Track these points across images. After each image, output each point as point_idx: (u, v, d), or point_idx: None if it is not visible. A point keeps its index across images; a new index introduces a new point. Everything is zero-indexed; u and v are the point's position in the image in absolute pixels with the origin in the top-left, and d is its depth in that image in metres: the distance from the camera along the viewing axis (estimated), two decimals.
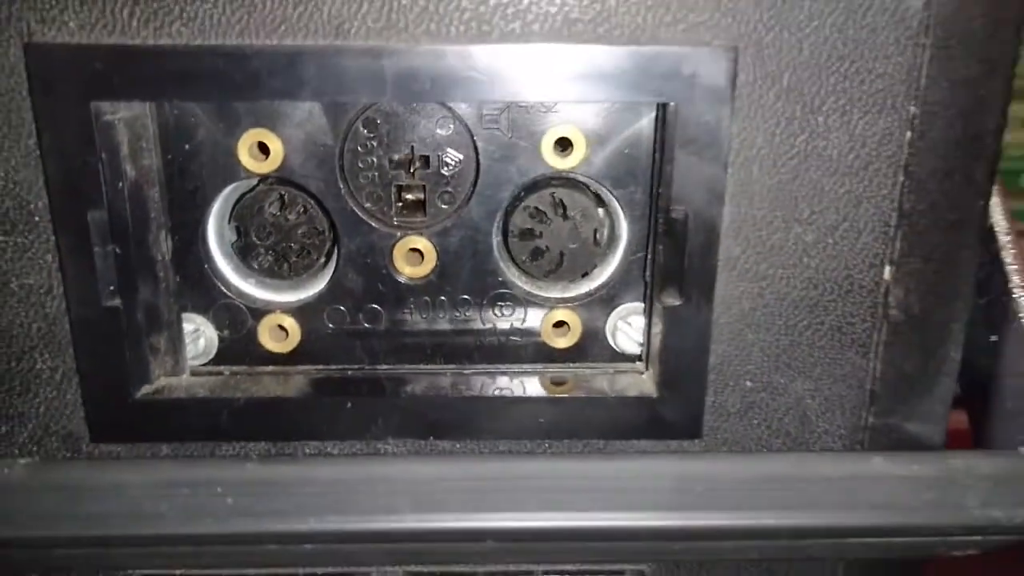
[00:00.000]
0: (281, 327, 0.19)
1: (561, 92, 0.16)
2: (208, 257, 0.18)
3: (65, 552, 0.15)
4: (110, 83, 0.15)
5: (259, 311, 0.19)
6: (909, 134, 0.16)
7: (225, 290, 0.18)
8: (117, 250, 0.16)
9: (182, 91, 0.15)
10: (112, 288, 0.16)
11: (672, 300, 0.16)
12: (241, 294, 0.18)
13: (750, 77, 0.15)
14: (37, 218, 0.16)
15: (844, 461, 0.16)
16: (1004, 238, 0.17)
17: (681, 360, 0.17)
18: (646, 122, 0.17)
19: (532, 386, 0.18)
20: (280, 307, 0.19)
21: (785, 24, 0.15)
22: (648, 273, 0.17)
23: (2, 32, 0.15)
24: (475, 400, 0.18)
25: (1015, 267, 0.17)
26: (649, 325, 0.17)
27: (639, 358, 0.18)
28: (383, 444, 0.17)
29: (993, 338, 0.17)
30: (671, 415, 0.17)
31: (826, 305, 0.17)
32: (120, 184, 0.16)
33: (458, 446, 0.17)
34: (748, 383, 0.17)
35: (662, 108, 0.16)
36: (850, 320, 0.17)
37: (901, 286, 0.17)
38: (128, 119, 0.15)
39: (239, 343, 0.19)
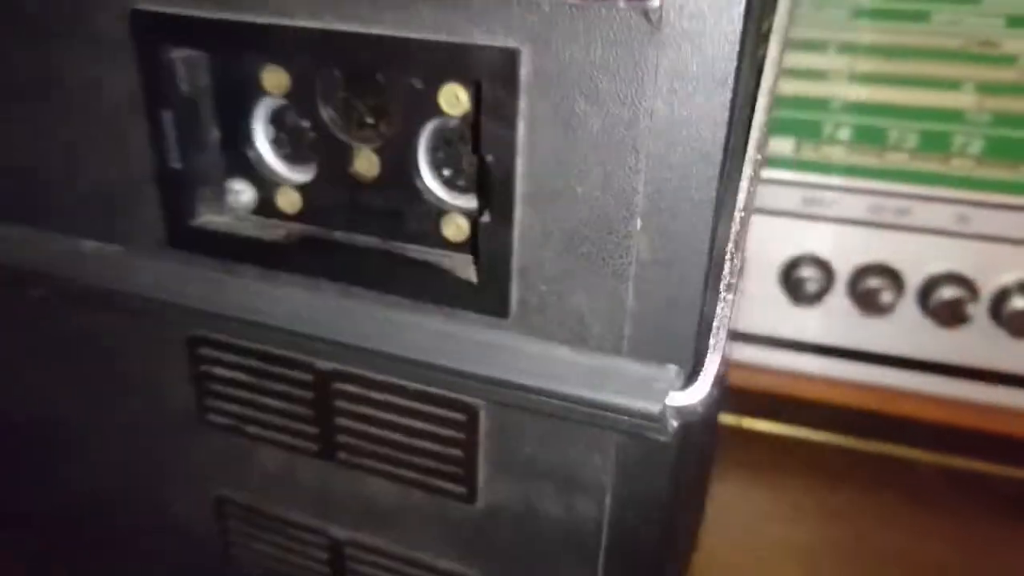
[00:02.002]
0: (290, 197, 0.29)
1: (422, 72, 0.23)
2: (252, 145, 0.28)
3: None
4: (169, 35, 0.25)
5: (279, 184, 0.28)
6: (648, 121, 0.21)
7: (260, 168, 0.28)
8: (178, 135, 0.27)
9: (210, 44, 0.25)
10: (176, 157, 0.27)
11: (484, 219, 0.24)
12: (271, 171, 0.29)
13: (530, 70, 0.21)
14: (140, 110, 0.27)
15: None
16: (738, 214, 0.21)
17: (492, 262, 0.24)
18: None
19: (421, 260, 0.26)
20: (291, 183, 0.29)
21: (558, 34, 0.21)
22: None
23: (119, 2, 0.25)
24: (379, 259, 0.26)
25: (736, 231, 0.21)
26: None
27: None
28: (314, 279, 0.27)
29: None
30: (487, 298, 0.25)
31: (594, 240, 0.23)
32: (179, 96, 0.26)
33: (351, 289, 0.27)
34: (543, 287, 0.24)
35: (475, 85, 0.23)
36: (612, 255, 0.23)
37: (647, 235, 0.22)
38: (184, 58, 0.26)
39: (266, 203, 0.29)
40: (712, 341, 0.21)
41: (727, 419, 0.49)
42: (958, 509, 0.45)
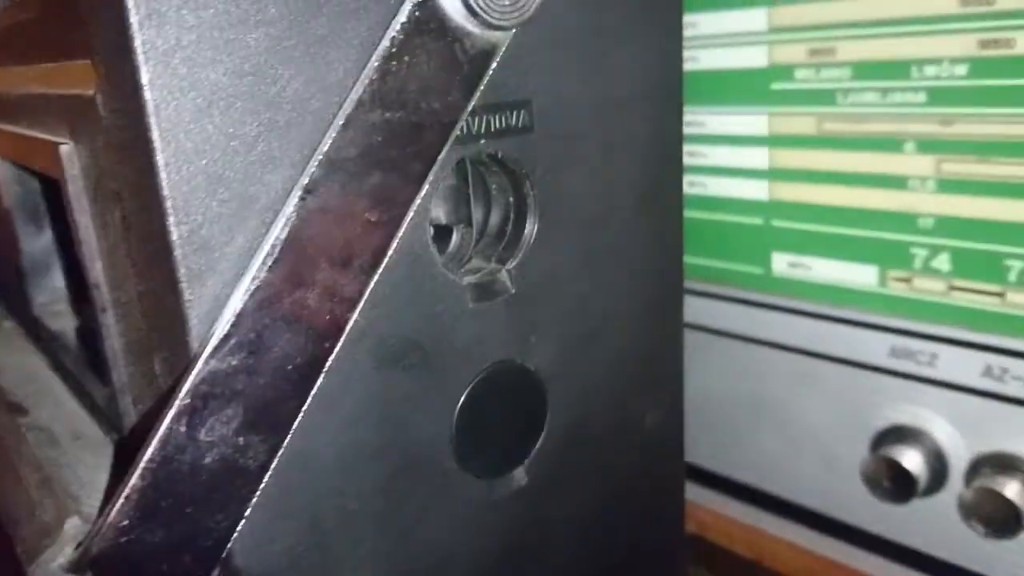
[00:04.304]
0: None
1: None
2: None
3: None
4: None
5: None
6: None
7: None
8: (17, 233, 0.30)
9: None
10: (20, 252, 0.30)
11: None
12: None
13: (78, 168, 0.20)
14: None
15: None
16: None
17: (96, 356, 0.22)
18: None
19: None
20: None
21: (90, 133, 0.19)
22: None
23: None
24: None
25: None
26: None
27: None
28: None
29: None
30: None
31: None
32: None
33: None
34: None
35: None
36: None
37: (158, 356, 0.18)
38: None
39: None
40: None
41: None
42: None
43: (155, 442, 0.16)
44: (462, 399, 0.22)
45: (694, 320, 0.40)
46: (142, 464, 0.16)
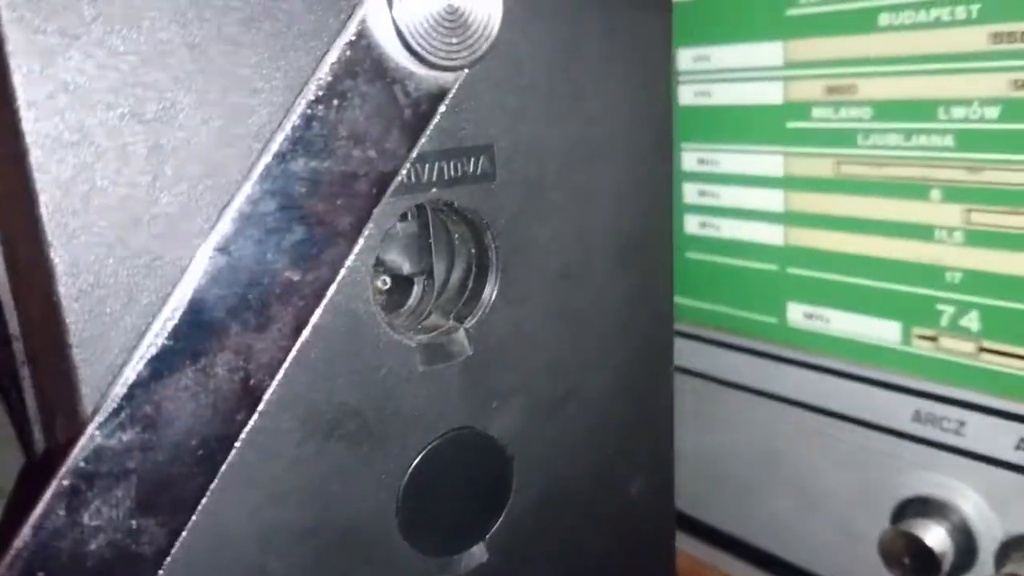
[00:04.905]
0: None
1: None
2: None
3: None
4: None
5: None
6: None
7: None
8: None
9: None
10: None
11: None
12: None
13: None
14: None
15: None
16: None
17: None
18: None
19: None
20: None
21: None
22: None
23: None
24: None
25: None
26: None
27: None
28: None
29: None
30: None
31: None
32: None
33: None
34: None
35: None
36: None
37: None
38: None
39: None
40: None
41: None
42: None
43: (28, 527, 0.15)
44: (410, 470, 0.20)
45: (704, 370, 0.37)
46: (11, 553, 0.14)
